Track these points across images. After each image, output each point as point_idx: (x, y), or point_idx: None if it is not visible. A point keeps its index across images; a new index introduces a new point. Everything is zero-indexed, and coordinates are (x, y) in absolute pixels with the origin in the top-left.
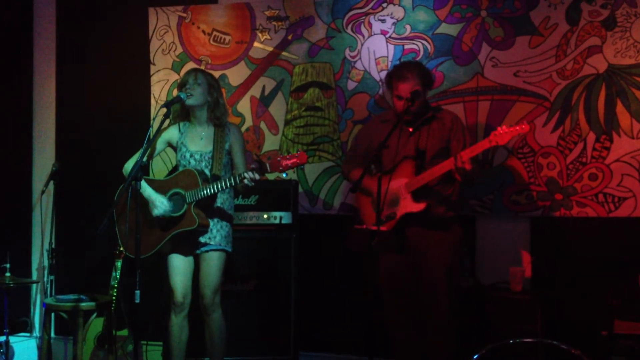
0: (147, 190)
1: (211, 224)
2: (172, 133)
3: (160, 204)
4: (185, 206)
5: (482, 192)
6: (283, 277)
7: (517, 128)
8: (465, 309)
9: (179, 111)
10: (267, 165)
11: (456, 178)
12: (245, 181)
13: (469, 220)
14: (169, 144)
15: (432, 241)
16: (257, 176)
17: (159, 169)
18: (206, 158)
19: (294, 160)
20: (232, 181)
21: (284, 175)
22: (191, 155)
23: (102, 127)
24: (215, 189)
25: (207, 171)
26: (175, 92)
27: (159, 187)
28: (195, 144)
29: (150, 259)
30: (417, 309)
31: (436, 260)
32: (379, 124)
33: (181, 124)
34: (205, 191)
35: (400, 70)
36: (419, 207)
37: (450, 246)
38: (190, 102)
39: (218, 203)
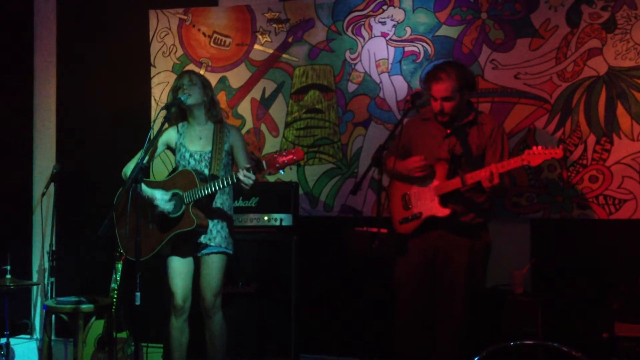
0: (147, 191)
1: (210, 224)
2: (170, 135)
3: (160, 196)
4: (184, 207)
5: None
6: (284, 279)
7: (552, 152)
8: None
9: (176, 113)
10: (264, 163)
11: (485, 189)
12: (241, 177)
13: None
14: (168, 146)
15: (455, 247)
16: (252, 175)
17: (160, 170)
18: (206, 158)
19: (290, 156)
20: (230, 180)
21: (281, 172)
22: (191, 155)
23: (102, 129)
24: (213, 188)
25: (206, 171)
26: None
27: (157, 188)
28: (195, 144)
29: (150, 261)
30: (431, 312)
31: (457, 267)
32: (419, 122)
33: (179, 125)
34: (203, 191)
35: (435, 71)
36: (444, 212)
37: (473, 253)
38: (190, 101)
39: (217, 204)
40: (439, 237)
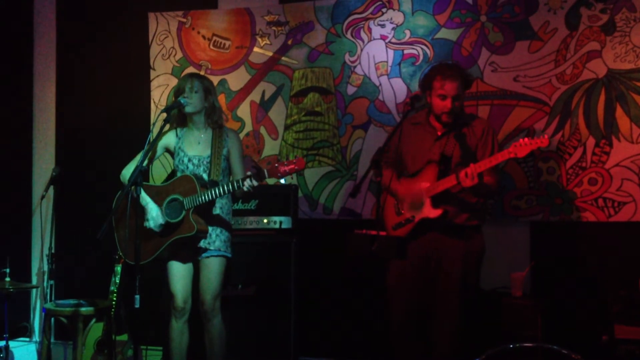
0: (145, 199)
1: (210, 229)
2: (169, 138)
3: (151, 218)
4: (184, 212)
5: None
6: (283, 281)
7: (538, 141)
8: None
9: (176, 117)
10: (265, 172)
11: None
12: (244, 188)
13: None
14: (167, 150)
15: (448, 248)
16: (255, 183)
17: (159, 173)
18: (204, 162)
19: (292, 166)
20: (231, 187)
21: (282, 181)
22: (189, 160)
23: (102, 132)
24: (214, 194)
25: (205, 176)
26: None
27: (157, 193)
28: (193, 148)
29: (150, 264)
30: (426, 315)
31: (450, 269)
32: (410, 127)
33: (178, 129)
34: (203, 197)
35: (444, 69)
36: (436, 213)
37: (466, 255)
38: (188, 109)
39: (217, 208)
40: (433, 239)
